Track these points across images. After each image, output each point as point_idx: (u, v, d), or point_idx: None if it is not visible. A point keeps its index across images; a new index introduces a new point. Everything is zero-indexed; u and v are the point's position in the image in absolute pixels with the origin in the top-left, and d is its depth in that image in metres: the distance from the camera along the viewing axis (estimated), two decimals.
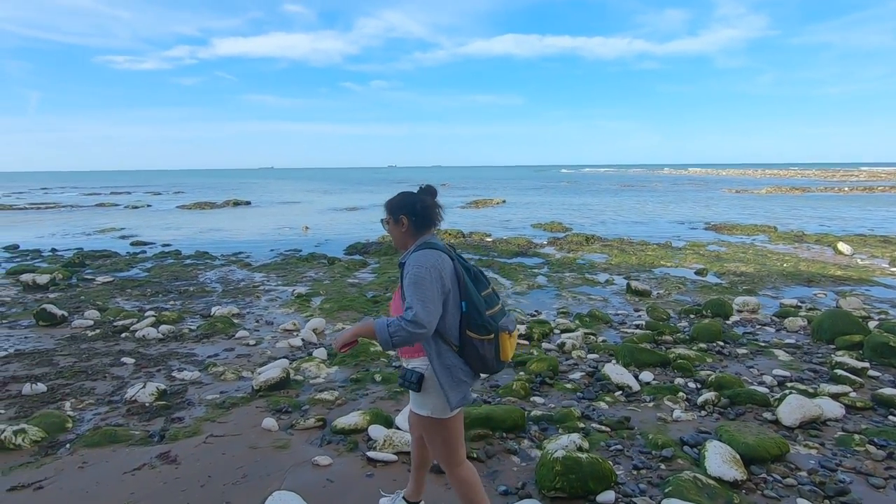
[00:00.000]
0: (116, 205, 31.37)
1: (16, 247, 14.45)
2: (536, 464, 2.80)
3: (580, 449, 2.89)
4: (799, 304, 6.92)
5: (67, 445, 3.10)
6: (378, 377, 4.22)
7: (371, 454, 2.95)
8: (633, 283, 7.82)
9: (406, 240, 2.01)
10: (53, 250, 13.86)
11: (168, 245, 14.61)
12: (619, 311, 6.73)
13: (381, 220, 2.07)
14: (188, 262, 11.68)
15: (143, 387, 3.89)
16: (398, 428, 3.24)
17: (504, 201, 29.81)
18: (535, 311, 6.81)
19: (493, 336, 1.89)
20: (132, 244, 14.87)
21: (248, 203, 30.86)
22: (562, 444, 2.95)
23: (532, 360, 4.48)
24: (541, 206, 27.53)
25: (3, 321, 6.49)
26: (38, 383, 4.02)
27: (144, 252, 13.47)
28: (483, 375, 2.10)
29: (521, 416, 3.32)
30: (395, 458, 2.94)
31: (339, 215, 23.71)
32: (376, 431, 3.20)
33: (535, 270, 9.82)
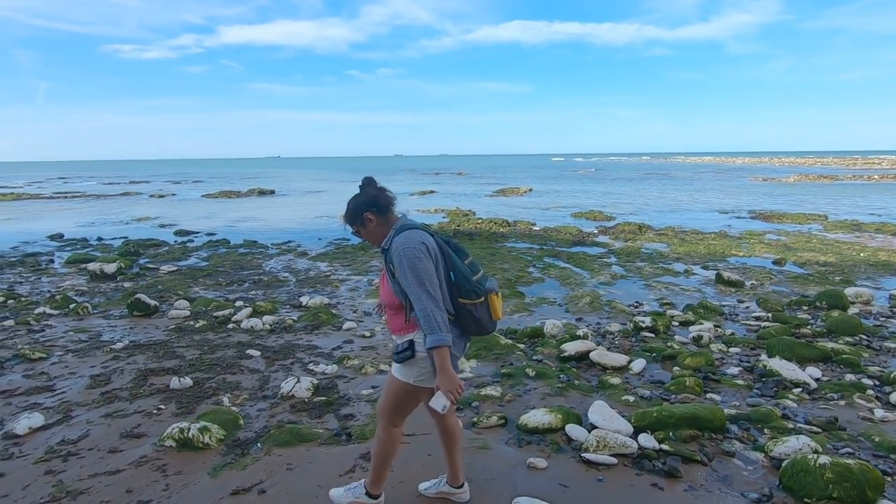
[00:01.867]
0: (140, 193, 31.33)
1: (61, 235, 14.37)
2: (783, 469, 2.59)
3: (816, 452, 2.69)
4: None
5: (259, 445, 2.93)
6: (531, 371, 4.03)
7: (590, 457, 2.77)
8: (726, 274, 7.57)
9: (380, 231, 2.07)
10: (100, 239, 13.78)
11: (213, 234, 14.48)
12: (723, 303, 6.50)
13: (352, 232, 2.13)
14: (242, 251, 11.54)
15: (298, 381, 3.72)
16: (595, 426, 3.05)
17: (531, 190, 29.45)
18: (636, 301, 6.59)
19: (483, 299, 2.01)
20: (176, 233, 14.75)
21: (272, 192, 30.71)
22: (792, 446, 2.75)
23: (684, 354, 4.27)
24: (569, 195, 27.15)
25: (94, 311, 6.36)
26: (185, 377, 3.86)
27: (192, 241, 13.36)
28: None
29: (723, 416, 3.12)
30: (614, 460, 2.75)
31: None
32: (576, 431, 3.01)
33: (605, 260, 9.58)
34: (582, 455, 2.80)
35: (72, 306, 6.46)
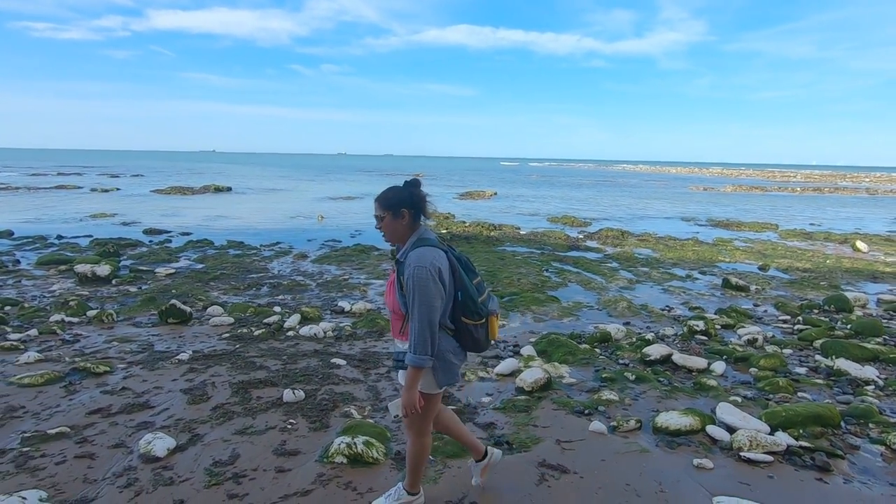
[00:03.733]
0: (79, 187, 28.78)
1: (10, 233, 12.98)
2: None
3: None
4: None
5: (431, 458, 2.88)
6: (630, 375, 4.21)
7: (750, 455, 2.97)
8: (733, 280, 8.17)
9: (405, 233, 2.11)
10: (60, 237, 12.60)
11: (188, 234, 13.64)
12: (741, 306, 7.02)
13: (376, 216, 2.12)
14: (233, 252, 10.98)
15: None
16: (733, 427, 3.26)
17: (495, 193, 29.99)
18: (666, 306, 6.97)
19: (484, 320, 2.12)
20: (145, 232, 13.76)
21: (229, 189, 29.24)
22: None
23: (756, 357, 4.62)
24: (533, 200, 27.93)
25: (118, 319, 5.87)
26: (298, 390, 3.69)
27: (170, 241, 12.52)
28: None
29: (838, 413, 3.43)
30: (770, 458, 2.97)
31: (338, 205, 22.97)
32: (718, 432, 3.21)
33: (609, 265, 10.01)
34: (741, 454, 3.00)
35: (90, 314, 5.94)
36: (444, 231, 14.48)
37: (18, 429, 3.16)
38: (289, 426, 3.25)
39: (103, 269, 8.19)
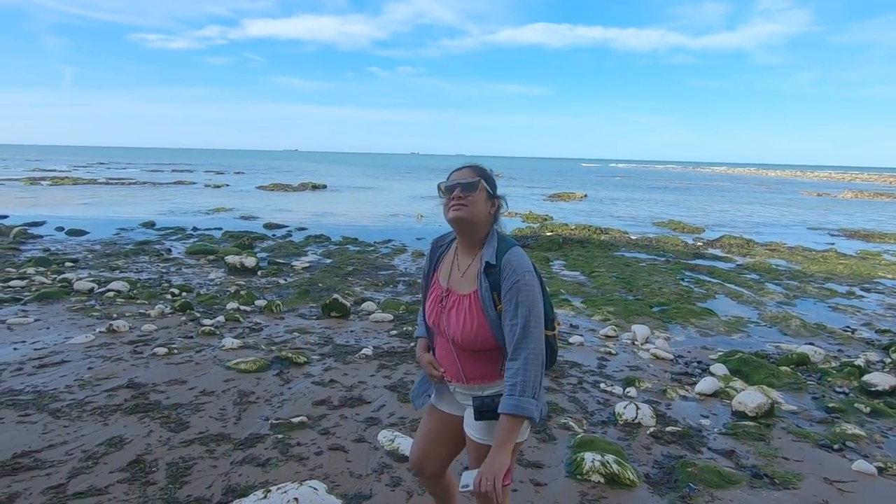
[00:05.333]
0: (193, 183, 31.49)
1: (153, 223, 14.36)
2: None
3: None
4: None
5: (692, 485, 2.67)
6: (863, 407, 3.74)
7: None
8: None
9: (484, 225, 1.62)
10: (195, 229, 13.72)
11: (304, 228, 14.36)
12: None
13: (463, 184, 1.57)
14: (352, 248, 11.37)
15: (639, 408, 3.46)
16: None
17: (586, 196, 29.04)
18: (847, 327, 6.25)
19: (557, 329, 1.69)
20: (265, 226, 14.65)
21: (324, 187, 30.64)
22: None
23: None
24: (628, 203, 26.71)
25: (284, 310, 6.17)
26: None
27: (290, 235, 13.25)
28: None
29: None
30: None
31: (430, 204, 23.23)
32: None
33: (747, 276, 9.21)
34: None
35: (258, 303, 6.31)
36: (550, 234, 14.14)
37: (260, 414, 3.32)
38: None
39: (250, 261, 8.73)
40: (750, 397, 3.64)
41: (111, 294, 6.47)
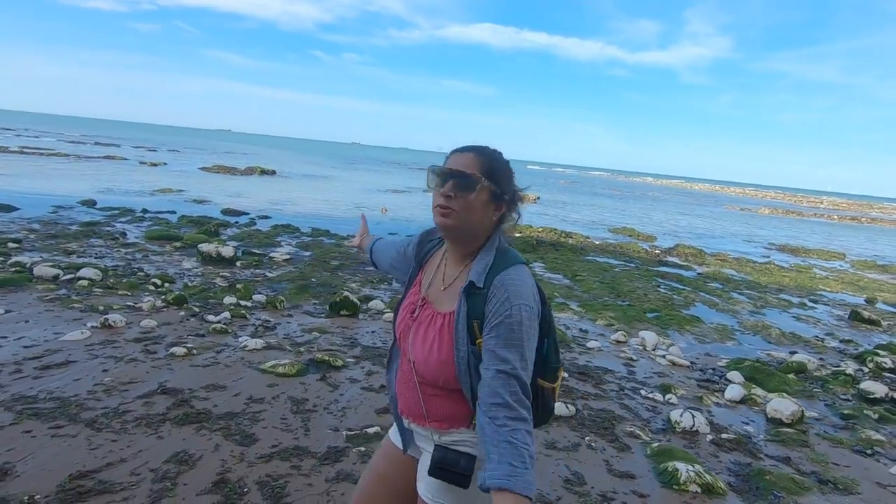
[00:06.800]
0: (125, 158, 28.90)
1: (93, 202, 13.02)
2: None
3: None
4: None
5: (775, 493, 2.81)
6: (872, 414, 4.13)
7: None
8: (865, 313, 8.04)
9: (479, 233, 1.24)
10: (145, 210, 12.59)
11: (266, 217, 13.62)
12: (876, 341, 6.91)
13: (460, 174, 1.19)
14: (326, 240, 10.94)
15: (693, 417, 3.60)
16: None
17: (539, 198, 29.86)
18: (815, 336, 6.86)
19: (560, 380, 1.34)
20: (224, 212, 13.73)
21: (273, 172, 29.22)
22: None
23: None
24: (579, 207, 27.79)
25: (285, 306, 5.81)
26: (569, 405, 3.63)
27: (254, 224, 12.49)
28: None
29: None
30: None
31: (391, 198, 22.91)
32: None
33: (713, 286, 9.89)
34: None
35: (257, 298, 5.90)
36: (519, 234, 14.37)
37: (327, 424, 3.11)
38: (592, 444, 3.18)
39: (227, 251, 8.14)
40: (783, 405, 3.90)
41: (84, 283, 5.79)
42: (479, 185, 1.18)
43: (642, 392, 4.18)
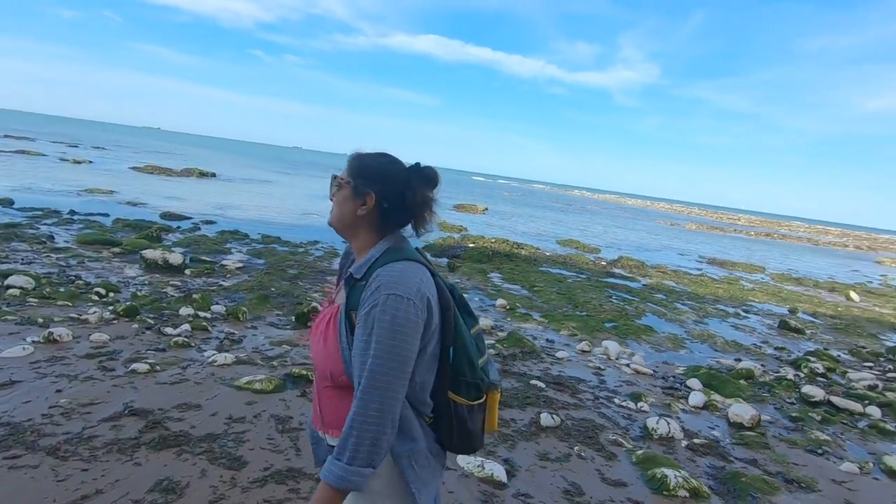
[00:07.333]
0: (43, 154, 26.39)
1: (10, 201, 11.79)
2: None
3: None
4: None
5: (752, 493, 2.99)
6: (815, 416, 4.51)
7: None
8: (792, 322, 8.81)
9: (355, 227, 1.29)
10: (73, 212, 11.55)
11: (212, 222, 12.91)
12: (799, 348, 7.60)
13: (334, 178, 1.32)
14: (279, 248, 10.54)
15: (659, 420, 3.77)
16: None
17: (487, 209, 30.37)
18: (754, 344, 7.43)
19: (484, 399, 1.29)
20: (163, 216, 12.87)
21: (213, 175, 27.79)
22: None
23: None
24: (526, 218, 28.58)
25: (247, 317, 5.52)
26: (554, 414, 3.69)
27: (199, 229, 11.79)
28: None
29: None
30: None
31: None
32: None
33: (658, 297, 10.47)
34: None
35: (216, 309, 5.57)
36: (472, 245, 14.53)
37: None
38: (582, 454, 3.26)
39: (175, 258, 7.64)
40: (743, 409, 4.19)
41: (15, 292, 5.22)
42: (341, 184, 1.30)
43: (616, 400, 4.34)
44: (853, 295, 14.07)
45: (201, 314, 5.35)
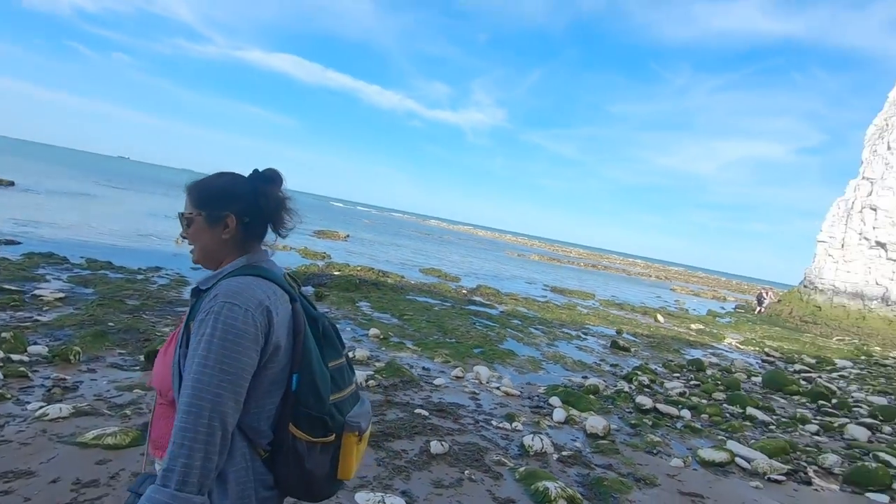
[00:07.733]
0: None
1: None
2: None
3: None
4: (711, 359, 10.50)
5: (613, 495, 3.43)
6: (648, 421, 5.35)
7: (774, 476, 4.29)
8: (621, 342, 10.32)
9: (223, 253, 1.25)
10: None
11: (16, 242, 10.57)
12: (627, 364, 9.01)
13: (180, 216, 1.27)
14: (112, 275, 9.10)
15: (542, 439, 4.14)
16: (745, 457, 4.61)
17: (348, 236, 29.97)
18: (595, 362, 8.52)
19: (333, 437, 1.18)
20: None
21: (11, 184, 22.79)
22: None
23: (703, 406, 6.26)
24: (386, 247, 28.86)
25: (80, 359, 4.66)
26: (443, 441, 3.78)
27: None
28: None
29: (790, 444, 5.10)
30: (783, 477, 4.35)
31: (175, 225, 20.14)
32: (743, 462, 4.52)
33: (515, 322, 11.43)
34: (769, 477, 4.31)
35: (35, 349, 4.59)
36: (338, 272, 14.23)
37: None
38: (472, 477, 3.41)
39: None
40: (596, 421, 4.80)
41: None
42: (191, 218, 1.26)
43: (493, 422, 4.64)
44: (659, 317, 17.01)
45: (14, 357, 4.36)
